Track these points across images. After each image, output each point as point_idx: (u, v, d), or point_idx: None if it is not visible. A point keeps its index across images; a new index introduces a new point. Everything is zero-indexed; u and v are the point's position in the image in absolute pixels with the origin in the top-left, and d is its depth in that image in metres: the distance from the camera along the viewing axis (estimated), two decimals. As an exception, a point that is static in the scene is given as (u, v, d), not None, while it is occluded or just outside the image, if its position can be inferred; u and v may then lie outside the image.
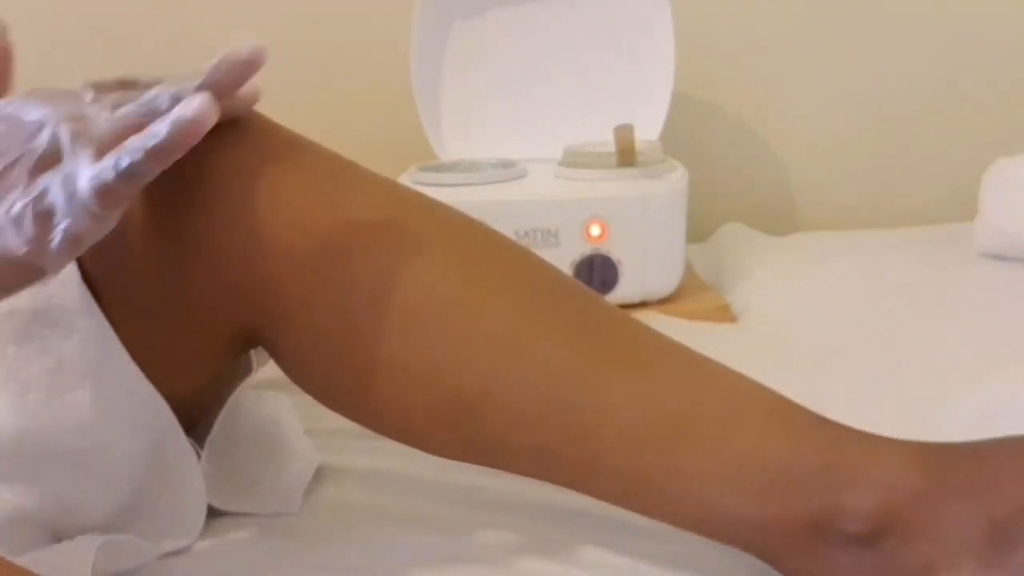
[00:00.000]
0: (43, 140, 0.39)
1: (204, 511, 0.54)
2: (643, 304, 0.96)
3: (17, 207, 0.39)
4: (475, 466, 0.52)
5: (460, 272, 0.49)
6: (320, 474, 0.61)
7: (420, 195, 0.52)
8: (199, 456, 0.55)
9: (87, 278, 0.48)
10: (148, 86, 0.44)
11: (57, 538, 0.48)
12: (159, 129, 0.39)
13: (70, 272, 0.47)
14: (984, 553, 0.43)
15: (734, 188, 1.28)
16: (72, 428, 0.48)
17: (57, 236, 0.39)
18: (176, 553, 0.53)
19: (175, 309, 0.49)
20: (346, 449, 0.64)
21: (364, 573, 0.51)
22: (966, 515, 0.43)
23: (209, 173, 0.48)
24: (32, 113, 0.40)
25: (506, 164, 1.00)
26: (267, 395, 0.62)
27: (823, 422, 0.47)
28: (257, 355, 0.60)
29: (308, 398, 0.59)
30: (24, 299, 0.47)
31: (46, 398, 0.47)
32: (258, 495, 0.58)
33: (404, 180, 0.98)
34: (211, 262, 0.48)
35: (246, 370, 0.60)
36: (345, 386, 0.50)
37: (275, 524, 0.57)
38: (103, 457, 0.49)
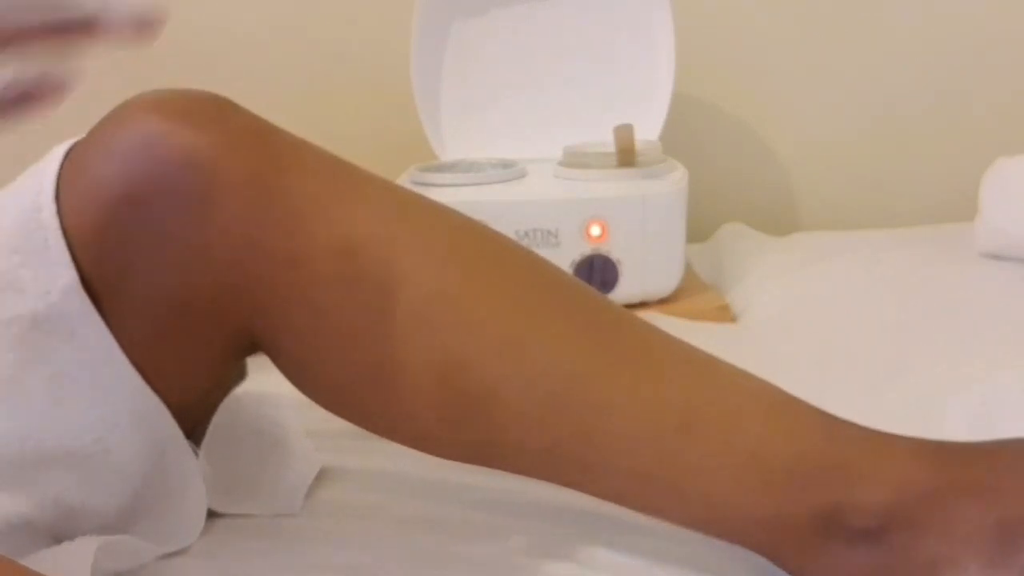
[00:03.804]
0: None
1: (204, 513, 0.54)
2: (643, 304, 0.96)
3: None
4: (477, 467, 0.52)
5: (463, 273, 0.48)
6: (320, 475, 0.61)
7: (421, 197, 0.52)
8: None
9: (87, 285, 0.48)
10: None
11: (57, 542, 0.48)
12: None
13: (70, 279, 0.47)
14: (991, 552, 0.43)
15: (734, 188, 1.28)
16: (73, 434, 0.47)
17: None
18: (175, 553, 0.53)
19: (175, 314, 0.49)
20: (346, 450, 0.64)
21: (364, 573, 0.51)
22: (974, 514, 0.43)
23: (208, 177, 0.47)
24: None
25: (506, 164, 1.00)
26: (267, 397, 0.62)
27: (830, 419, 0.47)
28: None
29: (308, 400, 0.59)
30: (24, 306, 0.47)
31: (47, 404, 0.47)
32: (259, 497, 0.58)
33: (404, 180, 0.98)
34: (210, 266, 0.48)
35: (240, 375, 0.60)
36: (347, 389, 0.50)
37: (275, 524, 0.57)
38: (104, 463, 0.49)
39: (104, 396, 0.48)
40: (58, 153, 0.50)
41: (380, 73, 1.21)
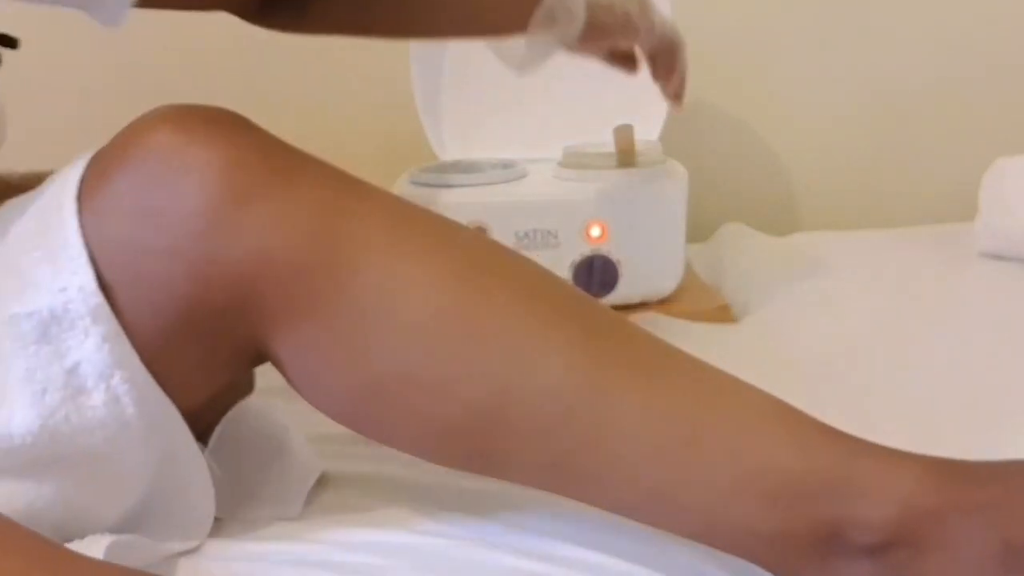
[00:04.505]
0: None
1: (212, 516, 0.55)
2: (643, 304, 0.96)
3: None
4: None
5: (468, 285, 0.49)
6: (322, 480, 0.62)
7: (425, 210, 0.52)
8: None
9: (103, 286, 0.48)
10: None
11: (66, 539, 0.49)
12: None
13: (86, 278, 0.48)
14: (995, 572, 0.43)
15: (734, 188, 1.28)
16: (86, 430, 0.48)
17: None
18: (182, 554, 0.53)
19: (185, 321, 0.50)
20: (347, 456, 0.64)
21: (370, 572, 0.51)
22: (980, 534, 0.43)
23: (219, 190, 0.48)
24: None
25: (506, 165, 1.00)
26: (271, 402, 0.62)
27: (836, 434, 0.47)
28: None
29: (306, 405, 0.59)
30: (42, 301, 0.48)
31: (62, 398, 0.48)
32: (260, 500, 0.59)
33: (404, 180, 0.98)
34: (220, 277, 0.48)
35: (248, 387, 0.61)
36: (353, 400, 0.51)
37: (277, 526, 0.57)
38: (114, 462, 0.50)
39: (117, 395, 0.49)
40: (82, 159, 0.51)
41: (380, 73, 1.21)
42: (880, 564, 0.45)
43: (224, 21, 1.21)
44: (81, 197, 0.49)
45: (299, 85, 1.25)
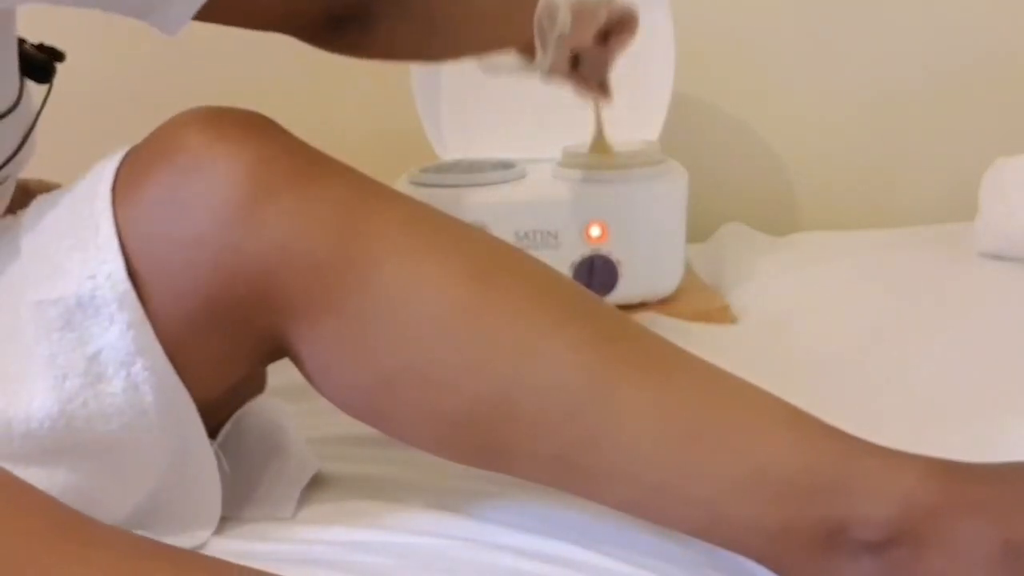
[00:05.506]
0: None
1: (218, 514, 0.55)
2: (643, 304, 0.96)
3: None
4: (472, 474, 0.52)
5: (481, 283, 0.50)
6: (322, 480, 0.62)
7: (440, 211, 0.54)
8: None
9: (132, 274, 0.50)
10: None
11: None
12: None
13: (115, 265, 0.49)
14: (995, 571, 0.43)
15: (734, 188, 1.28)
16: (104, 417, 0.49)
17: None
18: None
19: (206, 313, 0.51)
20: (347, 457, 0.64)
21: (374, 571, 0.51)
22: (980, 533, 0.44)
23: (244, 186, 0.50)
24: None
25: (506, 165, 1.00)
26: (269, 402, 0.63)
27: (838, 434, 0.48)
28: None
29: (309, 406, 0.59)
30: (69, 287, 0.49)
31: (82, 384, 0.49)
32: (255, 500, 0.59)
33: (404, 180, 0.98)
34: (242, 269, 0.50)
35: (259, 386, 0.62)
36: (368, 393, 0.52)
37: (277, 526, 0.57)
38: (129, 451, 0.50)
39: (136, 382, 0.50)
40: (117, 154, 0.53)
41: (380, 73, 1.21)
42: (881, 561, 0.45)
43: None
44: (115, 189, 0.51)
45: (299, 85, 1.25)
